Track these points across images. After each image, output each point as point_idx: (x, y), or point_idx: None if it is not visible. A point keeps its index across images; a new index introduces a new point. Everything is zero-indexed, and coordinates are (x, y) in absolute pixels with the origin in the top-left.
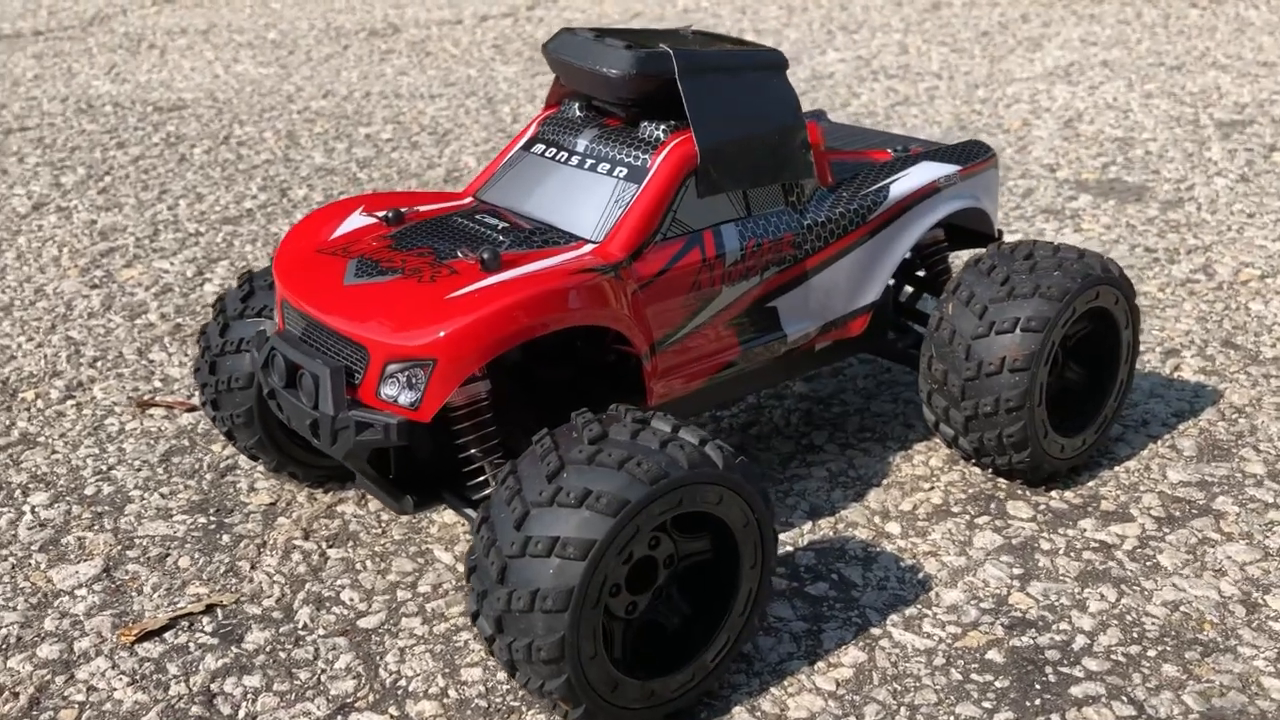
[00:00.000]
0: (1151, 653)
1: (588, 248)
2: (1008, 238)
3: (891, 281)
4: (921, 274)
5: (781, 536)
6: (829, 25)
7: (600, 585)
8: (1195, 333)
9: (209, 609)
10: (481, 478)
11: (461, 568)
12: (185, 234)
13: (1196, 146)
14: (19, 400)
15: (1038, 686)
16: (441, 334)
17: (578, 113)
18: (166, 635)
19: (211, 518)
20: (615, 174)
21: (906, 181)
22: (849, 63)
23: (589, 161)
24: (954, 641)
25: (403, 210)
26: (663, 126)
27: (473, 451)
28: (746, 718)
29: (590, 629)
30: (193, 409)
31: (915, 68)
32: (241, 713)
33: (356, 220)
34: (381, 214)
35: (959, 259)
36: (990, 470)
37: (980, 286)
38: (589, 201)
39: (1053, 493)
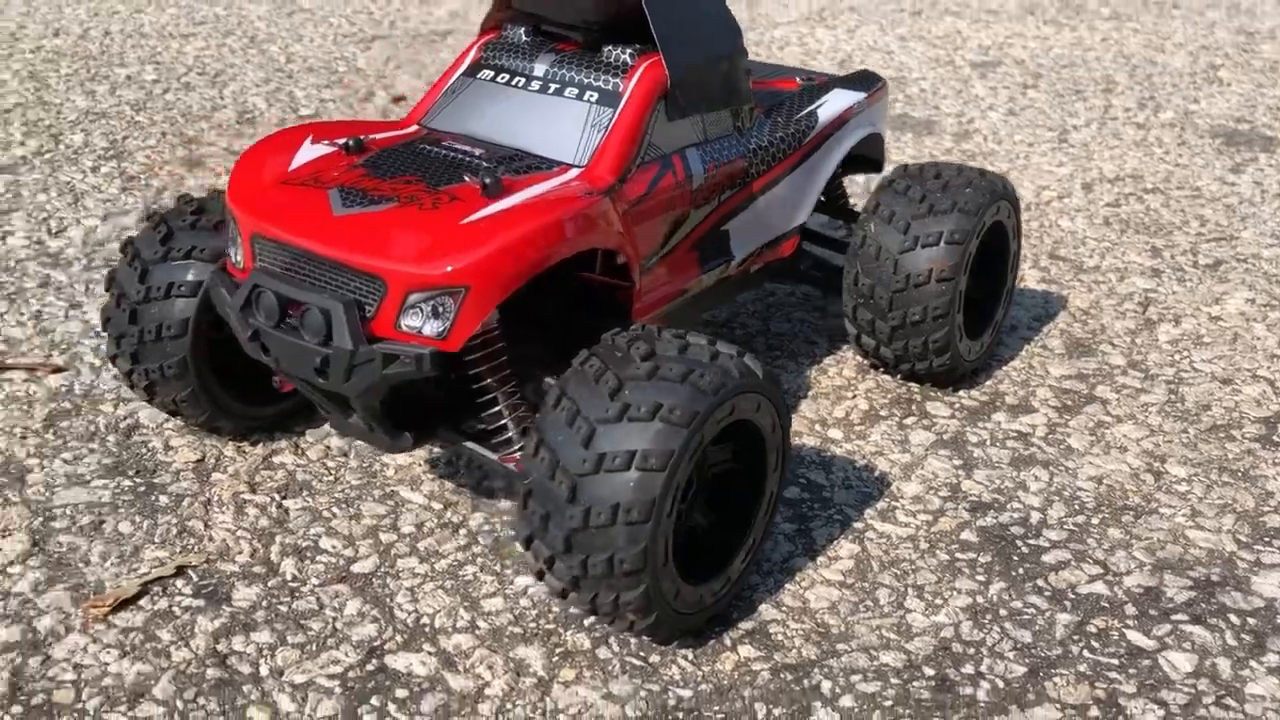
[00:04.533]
0: (1095, 520)
1: (574, 172)
2: None
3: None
4: (822, 198)
5: None
6: None
7: (674, 495)
8: (1025, 249)
9: (179, 571)
10: (496, 408)
11: (436, 505)
12: None
13: (961, 85)
14: None
15: (1015, 559)
16: (471, 261)
17: (524, 38)
18: (142, 602)
19: (136, 480)
20: (586, 98)
21: (829, 108)
22: None
23: (553, 86)
24: (929, 527)
25: (361, 138)
26: (629, 50)
27: (488, 381)
28: (773, 613)
29: (664, 538)
30: (58, 370)
31: None
32: (264, 669)
33: (312, 150)
34: (341, 142)
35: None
36: (905, 376)
37: (900, 205)
38: (562, 126)
39: (960, 393)
